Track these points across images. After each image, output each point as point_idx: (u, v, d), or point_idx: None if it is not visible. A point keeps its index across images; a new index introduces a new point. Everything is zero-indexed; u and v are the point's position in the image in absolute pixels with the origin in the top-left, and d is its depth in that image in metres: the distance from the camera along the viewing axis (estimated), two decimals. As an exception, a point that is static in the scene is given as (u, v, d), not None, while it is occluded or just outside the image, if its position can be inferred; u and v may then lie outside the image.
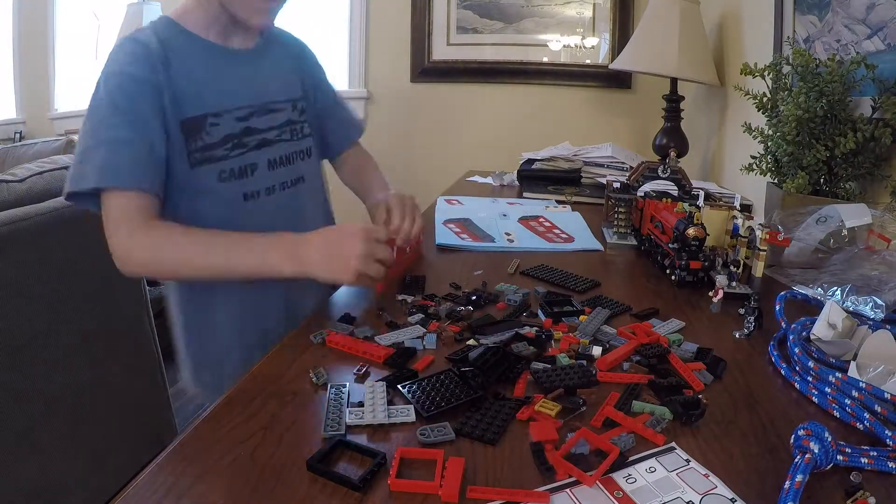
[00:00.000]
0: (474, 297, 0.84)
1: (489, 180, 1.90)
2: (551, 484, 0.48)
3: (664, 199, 1.08)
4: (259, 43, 1.00)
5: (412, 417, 0.56)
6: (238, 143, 0.92)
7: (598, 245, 1.17)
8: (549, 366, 0.65)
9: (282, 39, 1.07)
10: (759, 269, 0.87)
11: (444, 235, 1.20)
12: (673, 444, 0.53)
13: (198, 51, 0.91)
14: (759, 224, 0.90)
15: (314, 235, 0.81)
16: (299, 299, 0.97)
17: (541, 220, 1.34)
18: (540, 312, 0.82)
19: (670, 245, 0.95)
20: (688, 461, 0.50)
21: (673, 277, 0.94)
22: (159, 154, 0.84)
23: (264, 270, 0.81)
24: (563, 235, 1.23)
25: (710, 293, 0.85)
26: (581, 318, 0.78)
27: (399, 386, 0.61)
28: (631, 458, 0.51)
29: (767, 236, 0.86)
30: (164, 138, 0.84)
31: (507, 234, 1.22)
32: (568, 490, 0.47)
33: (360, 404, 0.58)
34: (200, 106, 0.88)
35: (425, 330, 0.75)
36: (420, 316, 0.79)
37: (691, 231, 0.91)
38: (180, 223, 0.85)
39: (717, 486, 0.47)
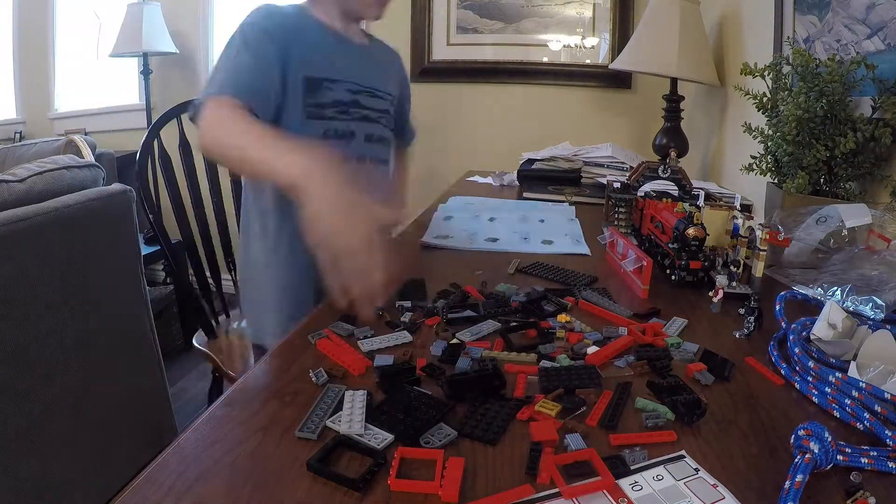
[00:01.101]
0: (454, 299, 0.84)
1: (489, 180, 1.90)
2: (552, 489, 0.48)
3: (664, 199, 1.08)
4: (367, 43, 1.16)
5: (389, 438, 0.53)
6: (344, 110, 1.06)
7: (583, 249, 1.14)
8: (552, 364, 0.65)
9: (385, 46, 1.25)
10: (759, 269, 0.87)
11: (436, 228, 1.21)
12: (683, 451, 0.52)
13: (323, 31, 1.07)
14: (760, 224, 0.90)
15: (336, 179, 0.71)
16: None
17: (530, 221, 1.34)
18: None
19: (670, 245, 0.95)
20: (697, 470, 0.49)
21: (673, 277, 0.94)
22: (269, 87, 0.96)
23: (265, 170, 0.77)
24: (545, 237, 1.21)
25: (710, 293, 0.86)
26: (561, 317, 0.78)
27: (371, 417, 0.56)
28: (639, 465, 0.50)
29: (767, 236, 0.86)
30: (280, 81, 0.97)
31: (493, 238, 1.20)
32: (574, 499, 0.47)
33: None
34: (321, 70, 1.03)
35: (410, 335, 0.74)
36: (410, 314, 0.79)
37: (691, 231, 0.91)
38: None
39: (725, 498, 0.46)
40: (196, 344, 1.53)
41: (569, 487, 0.47)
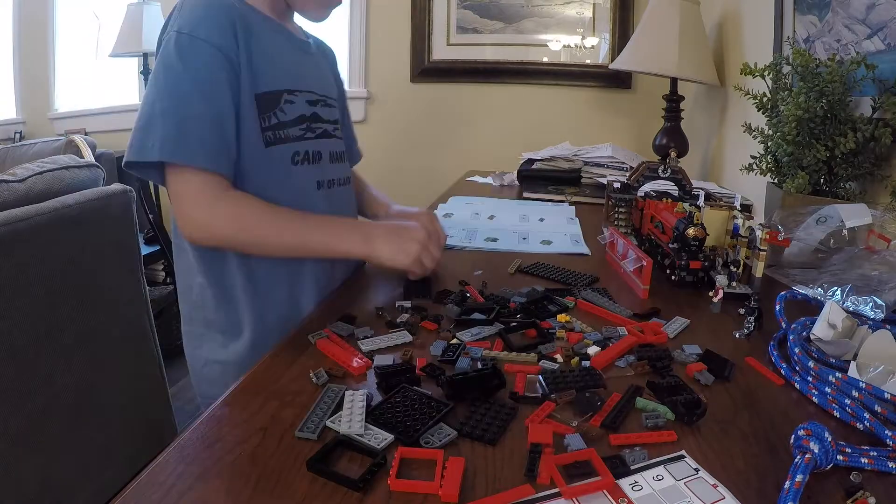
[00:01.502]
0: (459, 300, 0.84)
1: (489, 180, 1.90)
2: (552, 489, 0.48)
3: (664, 199, 1.08)
4: (304, 38, 0.99)
5: (389, 439, 0.53)
6: (308, 126, 0.91)
7: (583, 249, 1.14)
8: (557, 366, 0.65)
9: (319, 41, 1.06)
10: (759, 269, 0.87)
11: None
12: (683, 452, 0.52)
13: (268, 29, 0.88)
14: (760, 224, 0.90)
15: (381, 225, 0.93)
16: (329, 271, 0.96)
17: (530, 221, 1.34)
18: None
19: (670, 245, 0.95)
20: (697, 470, 0.49)
21: (673, 277, 0.94)
22: (230, 130, 0.79)
23: (337, 249, 0.86)
24: (544, 238, 1.22)
25: (710, 293, 0.86)
26: (560, 317, 0.79)
27: (371, 417, 0.56)
28: (639, 465, 0.50)
29: (768, 236, 0.86)
30: (235, 113, 0.80)
31: (492, 238, 1.21)
32: (574, 499, 0.47)
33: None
34: (276, 82, 0.85)
35: (410, 336, 0.73)
36: (407, 315, 0.79)
37: (691, 231, 0.91)
38: None
39: (725, 498, 0.46)
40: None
41: (569, 488, 0.47)
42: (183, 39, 0.76)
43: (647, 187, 1.18)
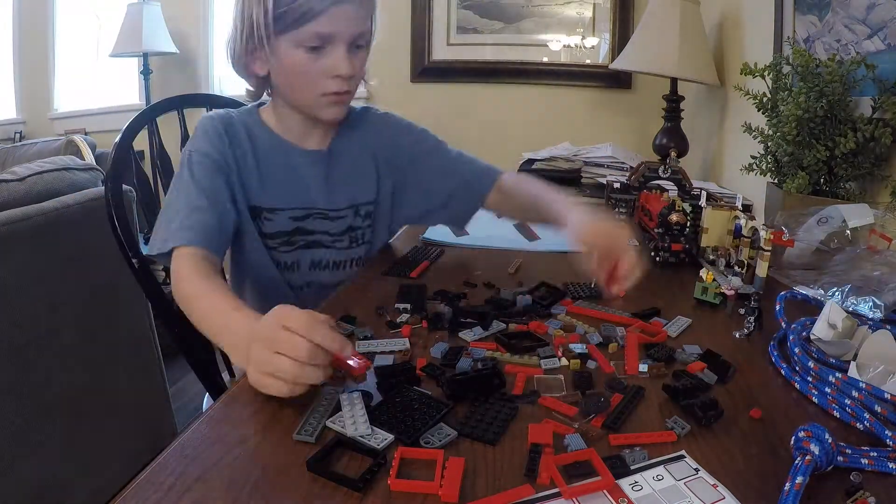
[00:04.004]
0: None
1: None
2: (552, 489, 0.48)
3: (654, 191, 1.14)
4: (336, 142, 1.01)
5: (390, 439, 0.53)
6: (286, 240, 0.98)
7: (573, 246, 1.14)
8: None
9: (363, 128, 1.04)
10: (763, 270, 0.87)
11: (434, 231, 1.20)
12: (683, 452, 0.52)
13: (273, 147, 0.95)
14: (764, 225, 0.90)
15: (257, 327, 0.62)
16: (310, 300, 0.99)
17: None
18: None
19: (656, 230, 1.04)
20: (697, 470, 0.49)
21: (657, 259, 1.02)
22: (227, 223, 0.88)
23: (214, 339, 0.75)
24: (530, 234, 1.21)
25: (711, 283, 0.86)
26: (560, 317, 0.79)
27: (371, 417, 0.56)
28: (639, 465, 0.50)
29: (772, 237, 0.86)
30: (233, 211, 0.90)
31: (494, 237, 1.19)
32: (574, 499, 0.47)
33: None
34: (260, 199, 0.94)
35: (408, 343, 0.72)
36: (406, 316, 0.79)
37: (674, 217, 1.01)
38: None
39: (725, 498, 0.46)
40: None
41: (569, 488, 0.47)
42: (191, 157, 0.89)
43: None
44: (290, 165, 0.96)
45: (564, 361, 0.68)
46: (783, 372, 0.66)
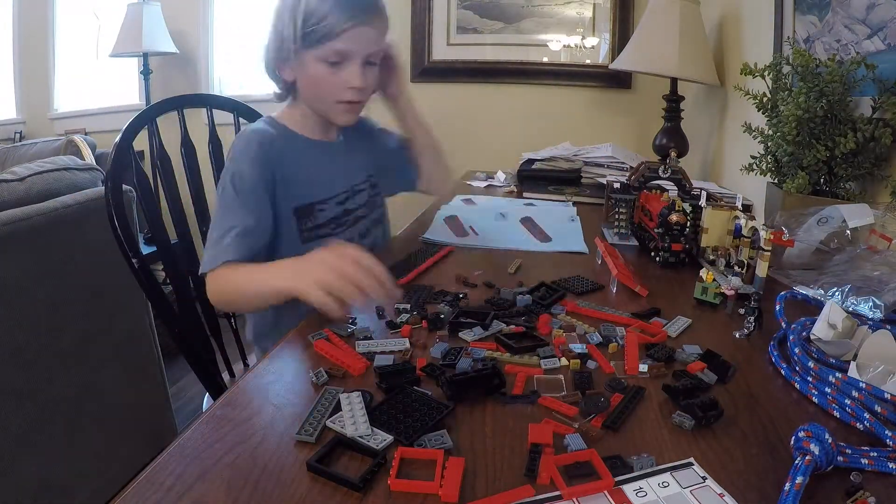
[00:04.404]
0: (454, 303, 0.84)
1: (489, 180, 1.90)
2: (553, 491, 0.48)
3: (654, 191, 1.14)
4: (344, 131, 1.16)
5: (389, 439, 0.53)
6: (339, 223, 1.09)
7: (581, 247, 1.15)
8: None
9: (361, 121, 1.18)
10: (763, 270, 0.87)
11: (434, 231, 1.22)
12: (691, 459, 0.51)
13: (300, 146, 1.07)
14: (764, 225, 0.90)
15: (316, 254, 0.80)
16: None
17: (533, 219, 1.34)
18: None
19: (656, 230, 1.05)
20: (704, 479, 0.49)
21: (657, 259, 1.03)
22: (265, 234, 0.98)
23: (275, 287, 0.84)
24: (541, 234, 1.23)
25: (711, 284, 0.86)
26: (561, 317, 0.78)
27: (371, 417, 0.56)
28: (646, 471, 0.50)
29: (772, 237, 0.86)
30: (272, 217, 0.99)
31: (476, 230, 1.23)
32: (575, 499, 0.47)
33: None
34: (309, 196, 1.05)
35: (407, 343, 0.72)
36: (406, 316, 0.79)
37: (674, 217, 1.01)
38: None
39: None
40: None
41: (569, 489, 0.47)
42: (234, 178, 0.97)
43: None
44: (318, 160, 1.09)
45: (564, 361, 0.68)
46: (783, 372, 0.66)
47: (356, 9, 0.97)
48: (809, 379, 0.63)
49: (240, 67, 3.08)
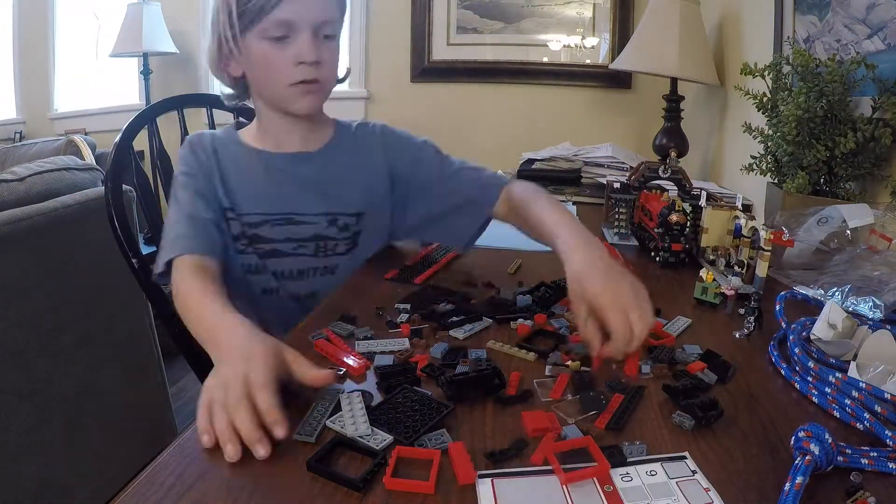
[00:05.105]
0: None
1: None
2: (545, 465, 0.49)
3: (654, 191, 1.14)
4: (327, 147, 0.99)
5: (389, 440, 0.53)
6: (246, 244, 0.95)
7: None
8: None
9: (360, 140, 1.02)
10: (763, 270, 0.87)
11: None
12: (686, 453, 0.52)
13: (241, 155, 0.97)
14: (764, 225, 0.90)
15: (236, 355, 0.61)
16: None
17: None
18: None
19: (656, 230, 1.04)
20: (694, 472, 0.49)
21: (657, 259, 1.03)
22: (210, 231, 0.89)
23: (200, 340, 0.71)
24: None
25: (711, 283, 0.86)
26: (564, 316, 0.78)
27: (371, 417, 0.56)
28: (637, 458, 0.51)
29: (772, 237, 0.86)
30: (213, 215, 0.91)
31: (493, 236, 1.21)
32: (565, 486, 0.48)
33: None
34: (226, 199, 0.94)
35: (407, 339, 0.73)
36: (406, 316, 0.79)
37: (674, 217, 1.01)
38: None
39: (713, 502, 0.46)
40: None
41: (566, 474, 0.48)
42: (177, 178, 0.94)
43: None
44: (252, 172, 0.96)
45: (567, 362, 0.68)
46: (783, 372, 0.66)
47: None
48: (809, 379, 0.63)
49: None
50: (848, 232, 0.91)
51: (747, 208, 1.35)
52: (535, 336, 0.75)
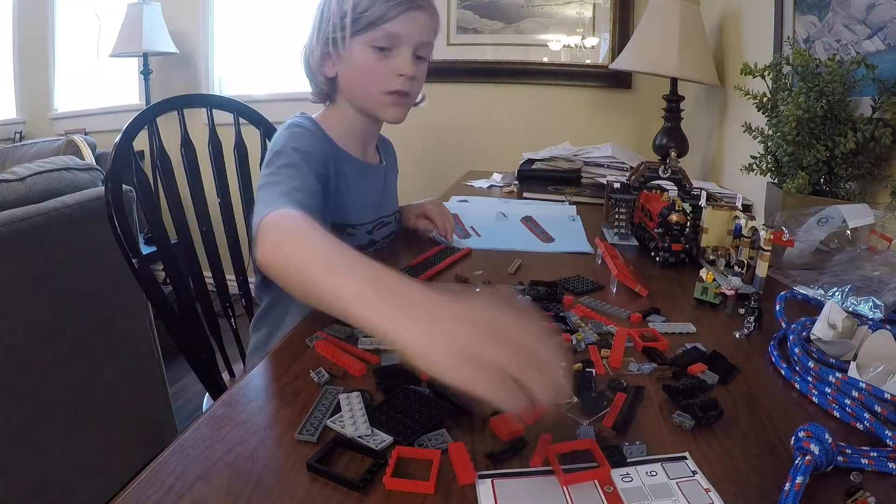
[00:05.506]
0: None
1: (489, 181, 1.90)
2: (546, 466, 0.49)
3: (654, 191, 1.14)
4: (382, 157, 1.15)
5: (388, 440, 0.53)
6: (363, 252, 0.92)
7: (585, 248, 1.15)
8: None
9: (388, 151, 1.19)
10: (763, 270, 0.87)
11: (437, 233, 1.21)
12: (686, 454, 0.52)
13: (342, 162, 1.01)
14: (764, 225, 0.90)
15: (470, 309, 0.49)
16: None
17: (534, 219, 1.35)
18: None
19: (656, 230, 1.05)
20: (694, 473, 0.49)
21: (657, 259, 1.04)
22: (321, 207, 0.89)
23: (350, 310, 0.54)
24: (544, 235, 1.23)
25: (714, 285, 0.86)
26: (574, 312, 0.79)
27: (371, 417, 0.55)
28: (637, 458, 0.51)
29: (772, 237, 0.86)
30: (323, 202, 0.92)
31: (478, 232, 1.23)
32: (565, 486, 0.48)
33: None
34: (343, 216, 1.01)
35: None
36: None
37: (674, 217, 1.01)
38: None
39: (713, 502, 0.46)
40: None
41: (566, 476, 0.48)
42: (298, 151, 0.89)
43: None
44: (358, 182, 1.04)
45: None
46: (783, 372, 0.66)
47: None
48: (809, 379, 0.63)
49: (240, 67, 3.08)
50: (848, 232, 0.91)
51: (747, 208, 1.35)
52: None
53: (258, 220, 0.70)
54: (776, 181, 1.14)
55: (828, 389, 0.60)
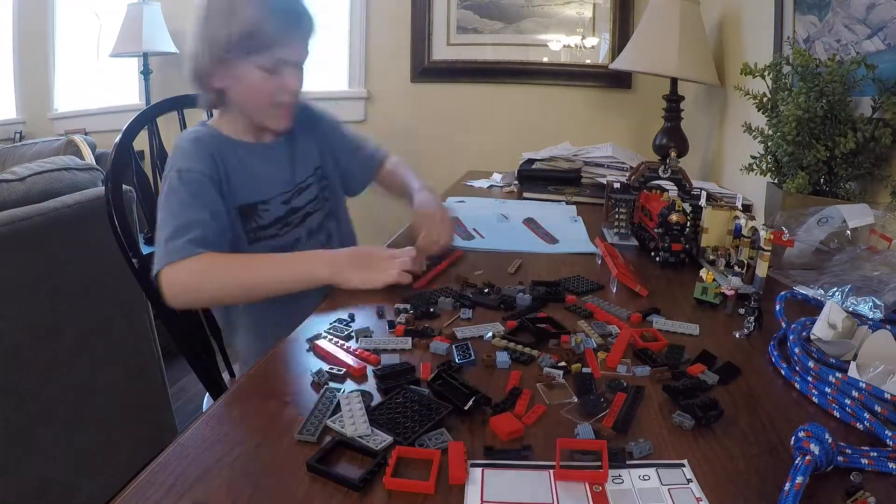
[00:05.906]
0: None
1: (489, 181, 1.90)
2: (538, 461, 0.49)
3: (654, 191, 1.14)
4: (283, 133, 1.14)
5: (388, 440, 0.53)
6: (285, 222, 1.09)
7: (589, 248, 1.15)
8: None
9: (307, 116, 1.18)
10: (763, 270, 0.87)
11: None
12: (685, 461, 0.51)
13: (238, 150, 1.06)
14: (764, 225, 0.90)
15: (344, 251, 0.96)
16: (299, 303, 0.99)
17: (535, 220, 1.34)
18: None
19: (656, 230, 1.05)
20: (689, 481, 0.48)
21: (657, 258, 1.04)
22: (222, 225, 0.98)
23: (304, 278, 0.91)
24: (548, 236, 1.23)
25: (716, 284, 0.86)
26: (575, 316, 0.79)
27: (371, 417, 0.56)
28: (633, 461, 0.50)
29: (772, 237, 0.86)
30: (226, 215, 1.00)
31: (481, 233, 1.22)
32: (549, 471, 0.49)
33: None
34: (251, 195, 1.05)
35: (410, 339, 0.73)
36: (406, 315, 0.79)
37: (674, 217, 1.01)
38: None
39: None
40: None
41: (561, 469, 0.48)
42: (182, 176, 0.96)
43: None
44: (258, 162, 1.07)
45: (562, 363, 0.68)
46: (783, 372, 0.66)
47: (291, 16, 0.99)
48: (809, 379, 0.63)
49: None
50: (848, 232, 0.91)
51: (747, 208, 1.35)
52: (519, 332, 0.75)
53: (161, 267, 0.90)
54: (776, 181, 1.14)
55: (828, 389, 0.60)
